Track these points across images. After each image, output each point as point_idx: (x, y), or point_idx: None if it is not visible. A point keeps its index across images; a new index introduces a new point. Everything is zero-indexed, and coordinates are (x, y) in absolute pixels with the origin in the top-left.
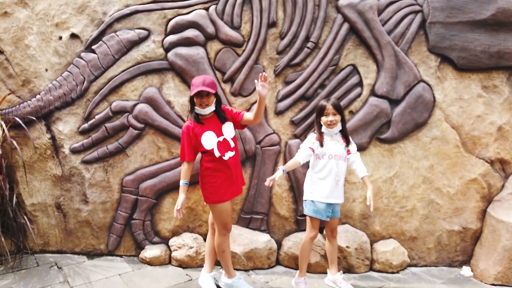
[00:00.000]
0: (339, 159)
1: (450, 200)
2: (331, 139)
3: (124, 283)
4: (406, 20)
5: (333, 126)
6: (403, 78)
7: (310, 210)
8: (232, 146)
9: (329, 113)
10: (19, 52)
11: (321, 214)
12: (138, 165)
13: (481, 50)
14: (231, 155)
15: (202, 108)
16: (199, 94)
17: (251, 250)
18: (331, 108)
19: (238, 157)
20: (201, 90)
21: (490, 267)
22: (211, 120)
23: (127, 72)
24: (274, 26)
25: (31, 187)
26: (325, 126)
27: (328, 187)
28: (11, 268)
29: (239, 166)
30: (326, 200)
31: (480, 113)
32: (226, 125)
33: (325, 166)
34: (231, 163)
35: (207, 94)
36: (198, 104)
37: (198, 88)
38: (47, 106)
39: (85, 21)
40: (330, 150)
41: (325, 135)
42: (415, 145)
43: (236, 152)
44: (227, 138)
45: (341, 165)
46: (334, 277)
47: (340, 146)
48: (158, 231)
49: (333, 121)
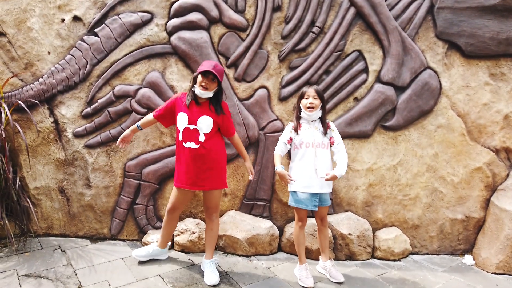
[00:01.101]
0: (317, 147)
1: (454, 188)
2: (309, 126)
3: (126, 267)
4: (414, 5)
5: (313, 110)
6: (410, 65)
7: (293, 201)
8: (200, 139)
9: (309, 96)
10: (21, 35)
11: (305, 204)
12: (141, 150)
13: (490, 37)
14: (192, 146)
15: (202, 89)
16: (205, 74)
17: (253, 236)
18: (312, 91)
19: (203, 153)
20: (208, 71)
21: (492, 256)
22: (200, 106)
23: (130, 56)
24: (279, 10)
25: (34, 171)
26: (304, 109)
27: (307, 176)
28: (15, 250)
29: (202, 162)
30: (307, 190)
31: (486, 101)
32: (205, 119)
33: (303, 155)
34: (190, 153)
35: (212, 79)
36: (200, 83)
37: (207, 67)
38: (50, 89)
39: (88, 4)
40: (307, 138)
41: (303, 123)
42: (420, 133)
43: (202, 148)
44: (199, 130)
45: (320, 153)
46: (325, 264)
47: (318, 134)
48: (161, 216)
49: (313, 104)
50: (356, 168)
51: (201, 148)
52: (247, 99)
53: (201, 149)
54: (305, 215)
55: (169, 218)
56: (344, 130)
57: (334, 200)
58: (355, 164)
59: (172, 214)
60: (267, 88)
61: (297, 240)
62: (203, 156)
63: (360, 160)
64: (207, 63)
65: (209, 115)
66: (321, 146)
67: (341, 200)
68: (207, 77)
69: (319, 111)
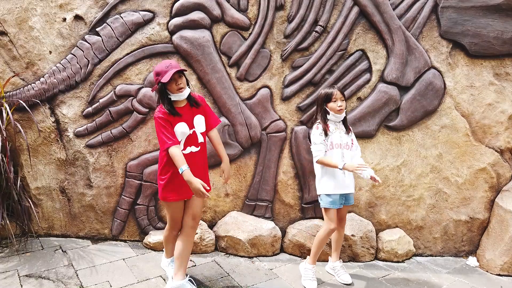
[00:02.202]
0: (344, 147)
1: (458, 189)
2: (335, 128)
3: (128, 268)
4: (418, 4)
5: (343, 112)
6: (413, 64)
7: (327, 203)
8: (199, 141)
9: (337, 99)
10: (23, 34)
11: (338, 204)
12: (142, 150)
13: (494, 36)
14: (193, 150)
15: (181, 92)
16: (173, 78)
17: (255, 237)
18: (339, 93)
19: (201, 154)
20: (175, 72)
21: (497, 257)
22: (184, 109)
23: (131, 55)
24: (282, 9)
25: (35, 171)
26: (333, 112)
27: (339, 176)
28: (16, 251)
29: (200, 163)
30: (339, 191)
31: (491, 101)
32: (198, 118)
33: (332, 156)
34: (190, 159)
35: (179, 76)
36: (176, 89)
37: (171, 71)
38: (51, 89)
39: (89, 2)
40: (335, 139)
41: (330, 124)
42: (424, 133)
43: (201, 148)
44: (197, 131)
45: (346, 154)
46: (334, 265)
47: (344, 135)
48: (162, 217)
49: (342, 106)
50: None
51: (201, 149)
52: (249, 99)
53: (201, 150)
54: (336, 215)
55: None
56: None
57: None
58: None
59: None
60: (269, 87)
61: (321, 242)
62: (203, 157)
63: (364, 160)
64: (161, 67)
65: (199, 113)
66: (346, 147)
67: None
68: (179, 77)
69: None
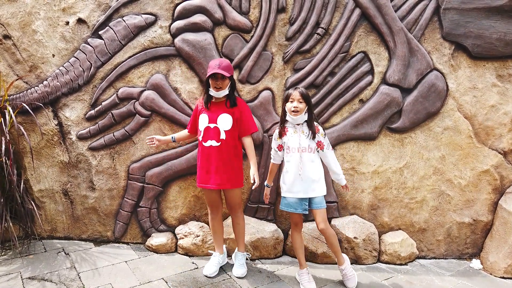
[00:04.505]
0: (303, 151)
1: (461, 191)
2: (295, 131)
3: (130, 270)
4: (420, 5)
5: (297, 114)
6: (416, 66)
7: (283, 205)
8: (221, 137)
9: (294, 99)
10: (26, 37)
11: (294, 207)
12: (144, 152)
13: (497, 38)
14: (213, 144)
15: (216, 91)
16: (214, 76)
17: (258, 239)
18: (297, 94)
19: (223, 150)
20: (216, 72)
21: (501, 260)
22: (218, 105)
23: (133, 58)
24: (284, 12)
25: (38, 173)
26: (288, 112)
27: (292, 180)
28: (19, 253)
29: (221, 158)
30: (293, 195)
31: (494, 103)
32: (224, 117)
33: (289, 160)
34: (210, 152)
35: (222, 77)
36: (213, 86)
37: (214, 70)
38: (54, 92)
39: (92, 6)
40: (292, 143)
41: (289, 127)
42: (426, 135)
43: (222, 144)
44: (220, 127)
45: (305, 157)
46: (340, 268)
47: (303, 138)
48: (165, 219)
49: (297, 108)
50: (362, 170)
51: (222, 145)
52: (251, 101)
53: (222, 146)
54: (299, 218)
55: (211, 222)
56: (350, 133)
57: (339, 203)
58: (361, 166)
59: (210, 216)
60: (271, 90)
61: (294, 244)
62: (223, 153)
63: (366, 162)
64: (213, 63)
65: (227, 113)
66: (307, 151)
67: (346, 203)
68: (217, 78)
69: (305, 115)
